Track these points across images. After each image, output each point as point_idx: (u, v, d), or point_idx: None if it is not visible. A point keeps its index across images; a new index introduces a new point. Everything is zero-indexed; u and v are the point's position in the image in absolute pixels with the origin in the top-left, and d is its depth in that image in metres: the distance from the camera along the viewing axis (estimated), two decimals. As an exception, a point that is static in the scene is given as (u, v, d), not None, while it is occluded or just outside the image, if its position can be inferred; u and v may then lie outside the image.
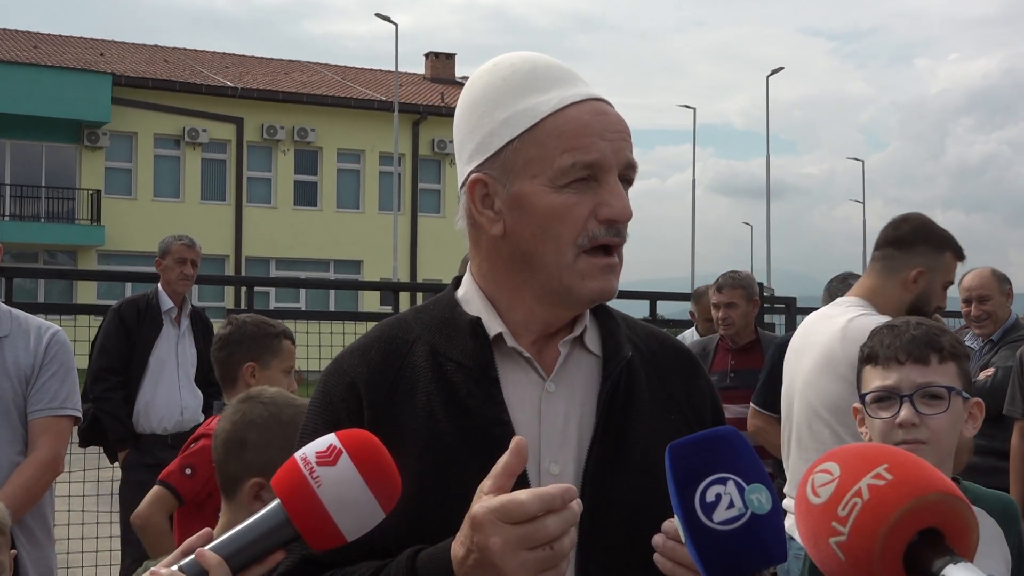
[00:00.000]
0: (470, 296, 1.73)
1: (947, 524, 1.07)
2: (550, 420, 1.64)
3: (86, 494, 6.79)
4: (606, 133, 1.62)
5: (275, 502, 1.39)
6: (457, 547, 1.42)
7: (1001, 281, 5.90)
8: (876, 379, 2.32)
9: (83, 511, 6.59)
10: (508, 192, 1.64)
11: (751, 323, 6.32)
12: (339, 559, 1.55)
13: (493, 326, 1.68)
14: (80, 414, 3.66)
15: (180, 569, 1.35)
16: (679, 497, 1.30)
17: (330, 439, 1.40)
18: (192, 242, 6.64)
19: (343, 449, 1.38)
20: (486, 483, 1.40)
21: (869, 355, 2.36)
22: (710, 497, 1.28)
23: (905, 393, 2.27)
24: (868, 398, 2.32)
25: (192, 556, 1.36)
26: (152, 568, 1.36)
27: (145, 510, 3.85)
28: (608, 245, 1.63)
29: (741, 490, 1.29)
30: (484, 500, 1.39)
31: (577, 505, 1.38)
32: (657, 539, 1.46)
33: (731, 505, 1.28)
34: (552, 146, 1.61)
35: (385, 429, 1.56)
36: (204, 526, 1.49)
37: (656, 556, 1.46)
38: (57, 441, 3.53)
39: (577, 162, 1.59)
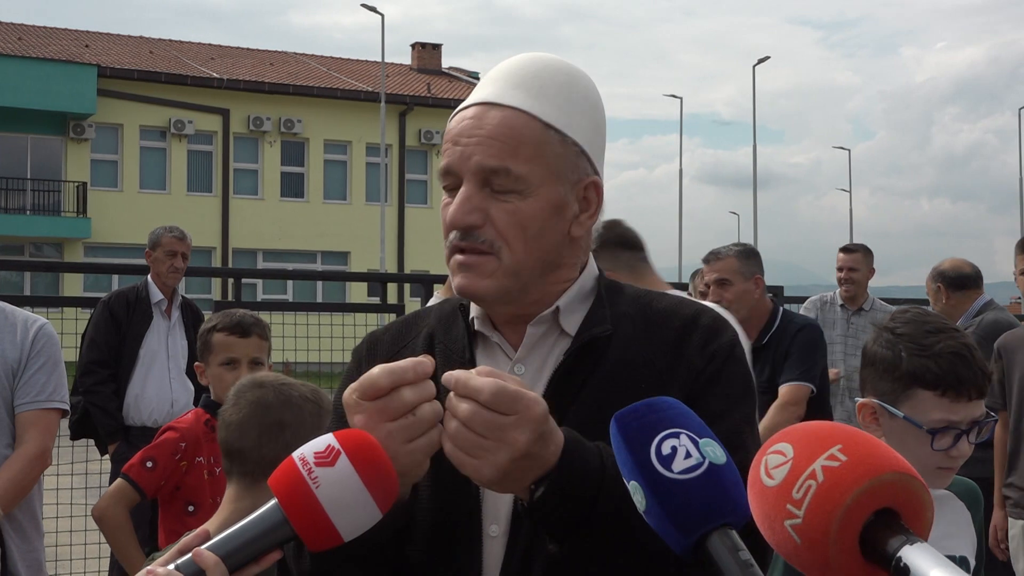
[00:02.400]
0: None
1: (902, 504, 1.07)
2: None
3: (75, 487, 6.78)
4: (460, 138, 1.65)
5: (272, 502, 1.39)
6: None
7: (931, 279, 6.28)
8: (941, 411, 2.19)
9: (71, 504, 6.58)
10: None
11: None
12: None
13: (473, 310, 1.75)
14: (68, 407, 3.65)
15: (176, 568, 1.34)
16: (634, 457, 1.27)
17: (328, 439, 1.40)
18: (183, 234, 6.63)
19: (341, 450, 1.38)
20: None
21: (935, 381, 2.20)
22: (666, 450, 1.26)
23: (964, 428, 2.20)
24: (936, 435, 2.19)
25: (189, 555, 1.36)
26: (148, 568, 1.35)
27: (103, 502, 3.82)
28: (459, 247, 1.67)
29: (695, 442, 1.27)
30: (350, 384, 1.48)
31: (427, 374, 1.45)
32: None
33: (688, 455, 1.26)
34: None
35: None
36: (174, 520, 1.48)
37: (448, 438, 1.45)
38: (45, 434, 3.52)
39: (439, 169, 1.69)
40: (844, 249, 7.37)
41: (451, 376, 1.44)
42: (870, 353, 2.33)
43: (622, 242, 4.21)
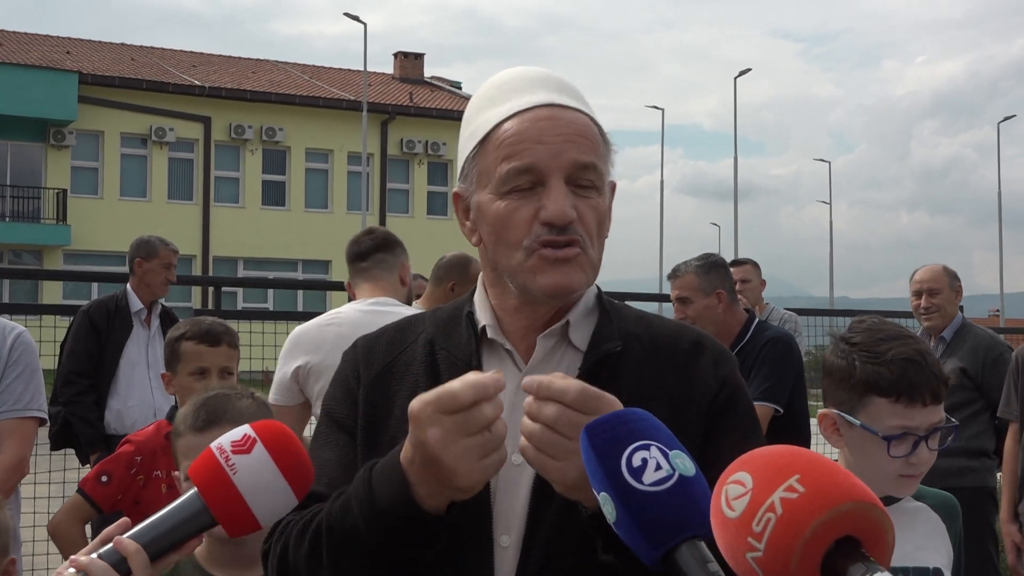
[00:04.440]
0: (478, 294, 1.83)
1: (862, 531, 1.07)
2: (520, 411, 1.64)
3: (52, 496, 6.73)
4: (544, 137, 1.66)
5: (192, 490, 1.44)
6: (406, 448, 1.50)
7: (951, 277, 6.00)
8: (896, 417, 2.19)
9: (48, 513, 6.53)
10: (473, 203, 1.74)
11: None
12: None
13: (482, 319, 1.77)
14: (46, 415, 3.62)
15: (99, 556, 1.40)
16: (604, 468, 1.28)
17: (244, 429, 1.46)
18: (176, 248, 6.69)
19: (257, 438, 1.44)
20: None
21: (889, 388, 2.20)
22: (636, 462, 1.27)
23: (922, 435, 2.20)
24: (891, 442, 2.20)
25: (111, 544, 1.41)
26: (72, 557, 1.40)
27: (57, 517, 3.74)
28: (554, 243, 1.66)
29: (665, 454, 1.28)
30: (420, 395, 1.46)
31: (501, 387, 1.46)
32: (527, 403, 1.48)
33: (658, 467, 1.27)
34: (493, 156, 1.68)
35: (373, 404, 1.75)
36: None
37: (523, 445, 1.47)
38: (22, 443, 3.50)
39: (512, 168, 1.66)
40: (734, 263, 7.26)
41: (533, 380, 1.46)
42: (827, 364, 2.34)
43: (353, 256, 4.71)
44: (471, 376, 1.45)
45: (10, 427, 3.46)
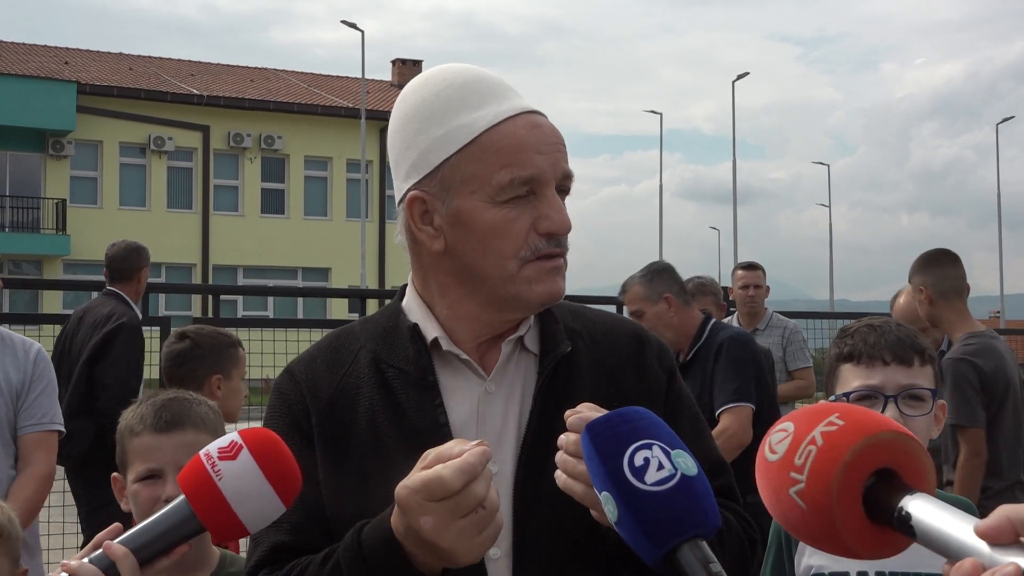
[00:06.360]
0: (411, 304, 1.78)
1: (902, 464, 1.09)
2: (488, 421, 1.68)
3: (51, 505, 6.74)
4: (542, 147, 1.64)
5: (180, 497, 1.46)
6: (397, 522, 1.45)
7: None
8: (858, 378, 2.31)
9: (48, 522, 6.56)
10: (447, 209, 1.67)
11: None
12: (302, 544, 1.62)
13: (430, 331, 1.72)
14: (64, 428, 3.70)
15: (90, 561, 1.42)
16: (606, 467, 1.29)
17: (232, 436, 1.47)
18: None
19: (244, 445, 1.46)
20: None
21: (850, 353, 2.34)
22: (638, 462, 1.28)
23: (890, 394, 2.28)
24: (851, 397, 2.30)
25: (101, 549, 1.43)
26: (63, 562, 1.42)
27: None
28: (550, 254, 1.66)
29: (667, 454, 1.29)
30: (406, 481, 1.41)
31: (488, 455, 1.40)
32: (558, 456, 1.48)
33: (660, 467, 1.27)
34: (489, 162, 1.63)
35: (331, 432, 1.68)
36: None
37: (557, 473, 1.49)
38: (50, 455, 3.64)
39: (515, 178, 1.62)
40: (748, 267, 7.40)
41: (576, 418, 1.44)
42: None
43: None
44: (456, 462, 1.37)
45: (38, 440, 3.59)
